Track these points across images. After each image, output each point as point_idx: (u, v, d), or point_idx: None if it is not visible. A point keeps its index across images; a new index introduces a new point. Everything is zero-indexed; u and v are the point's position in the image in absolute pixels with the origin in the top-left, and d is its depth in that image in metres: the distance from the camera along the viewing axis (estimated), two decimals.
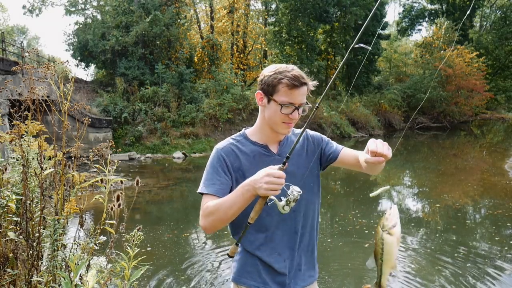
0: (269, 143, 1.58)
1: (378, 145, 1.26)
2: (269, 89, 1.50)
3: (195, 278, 4.39)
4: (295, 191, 1.33)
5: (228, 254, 1.50)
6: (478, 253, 5.04)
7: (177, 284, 4.25)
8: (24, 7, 25.11)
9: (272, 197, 1.33)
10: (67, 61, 2.40)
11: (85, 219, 2.18)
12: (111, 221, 2.01)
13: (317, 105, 1.49)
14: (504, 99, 34.64)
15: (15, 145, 2.19)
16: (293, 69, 1.47)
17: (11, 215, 2.16)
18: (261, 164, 1.43)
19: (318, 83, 1.57)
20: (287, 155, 1.37)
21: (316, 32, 26.06)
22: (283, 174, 1.28)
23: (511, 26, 32.94)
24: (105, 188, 2.04)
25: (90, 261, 2.09)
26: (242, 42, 24.09)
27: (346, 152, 1.61)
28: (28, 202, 2.11)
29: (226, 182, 1.48)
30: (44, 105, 2.19)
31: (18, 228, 2.16)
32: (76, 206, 2.17)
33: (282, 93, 1.47)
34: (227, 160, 1.51)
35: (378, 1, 1.66)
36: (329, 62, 27.13)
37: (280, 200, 1.34)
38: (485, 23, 38.46)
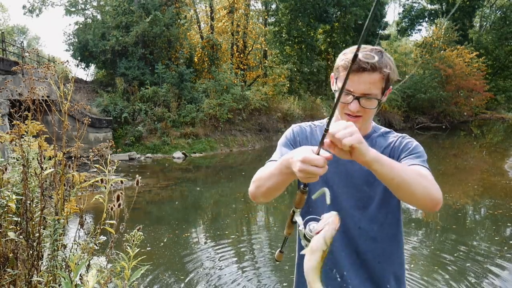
0: None
1: (338, 125, 0.98)
2: (335, 73, 1.32)
3: (195, 278, 4.39)
4: (310, 229, 1.06)
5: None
6: (478, 252, 5.04)
7: (177, 284, 4.25)
8: (24, 7, 25.09)
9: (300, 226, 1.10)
10: (67, 61, 2.40)
11: (85, 219, 2.18)
12: (111, 221, 2.01)
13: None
14: (504, 99, 34.67)
15: (15, 145, 2.20)
16: (364, 50, 1.22)
17: (11, 215, 2.16)
18: None
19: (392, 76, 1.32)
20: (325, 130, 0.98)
21: (316, 32, 26.06)
22: (320, 162, 0.96)
23: (511, 26, 32.95)
24: (105, 188, 2.04)
25: (90, 261, 2.09)
26: (242, 42, 24.08)
27: None
28: (28, 202, 2.11)
29: None
30: (44, 105, 2.19)
31: (18, 228, 2.16)
32: (76, 206, 2.18)
33: (341, 77, 1.26)
34: (297, 137, 1.39)
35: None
36: (329, 62, 27.13)
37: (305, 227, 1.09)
38: (485, 23, 38.47)
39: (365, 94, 1.22)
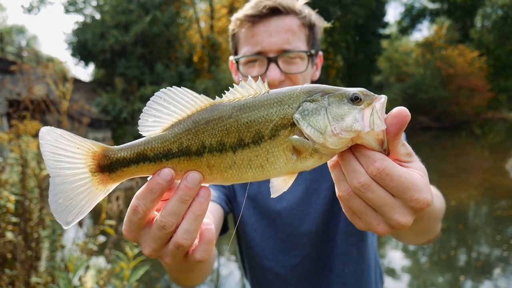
0: None
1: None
2: (234, 49, 0.97)
3: None
4: None
5: None
6: (479, 252, 5.02)
7: (176, 284, 4.24)
8: (22, 7, 25.13)
9: None
10: (66, 61, 2.38)
11: (84, 220, 2.17)
12: (110, 222, 2.00)
13: None
14: (505, 99, 34.60)
15: (14, 145, 2.18)
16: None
17: (9, 216, 2.15)
18: None
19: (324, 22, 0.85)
20: None
21: None
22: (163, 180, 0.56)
23: None
24: None
25: (90, 262, 2.07)
26: None
27: None
28: (27, 202, 2.10)
29: None
30: (43, 104, 2.17)
31: (17, 229, 2.14)
32: None
33: (243, 42, 0.89)
34: None
35: None
36: (329, 62, 27.11)
37: None
38: (486, 22, 38.43)
39: (284, 50, 0.83)
